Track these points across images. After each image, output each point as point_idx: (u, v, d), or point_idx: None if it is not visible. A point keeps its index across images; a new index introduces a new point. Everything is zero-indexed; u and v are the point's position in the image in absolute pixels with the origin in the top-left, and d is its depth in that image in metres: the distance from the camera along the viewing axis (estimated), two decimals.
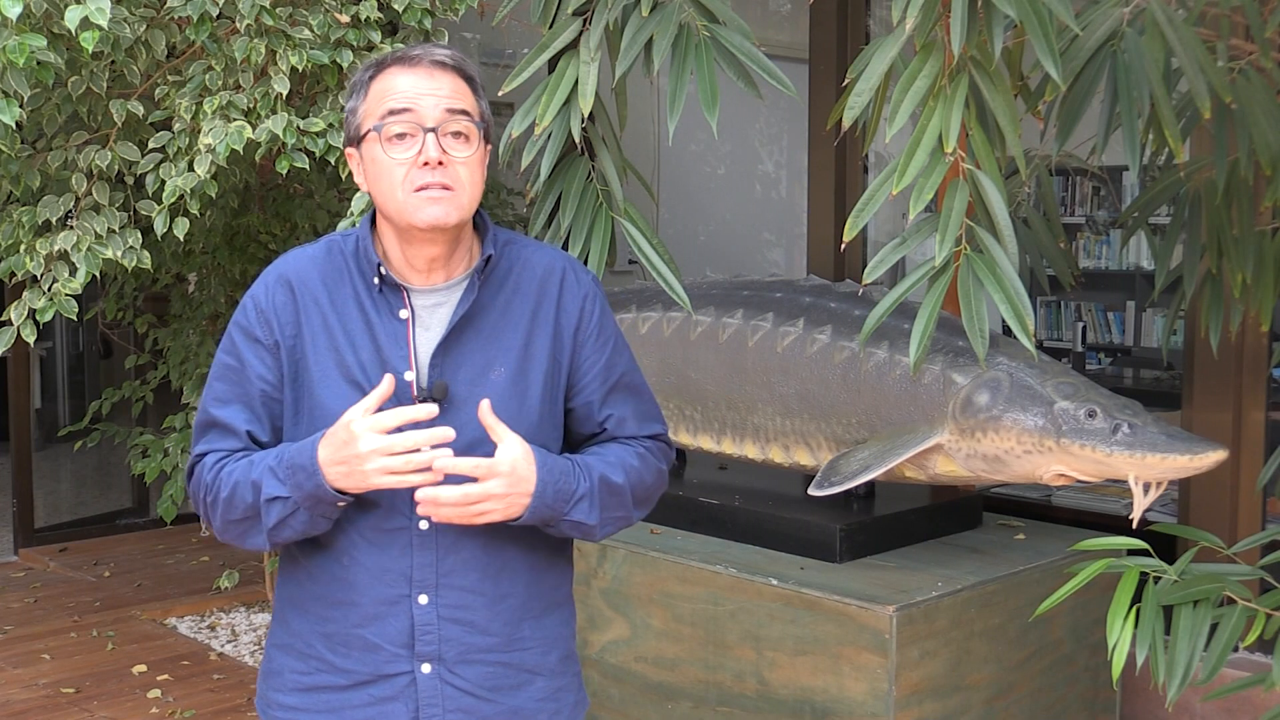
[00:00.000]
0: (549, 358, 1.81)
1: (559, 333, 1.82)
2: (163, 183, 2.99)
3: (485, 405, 1.69)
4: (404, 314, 1.77)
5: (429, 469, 1.63)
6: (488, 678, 1.79)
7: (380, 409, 1.67)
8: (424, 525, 1.75)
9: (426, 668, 1.76)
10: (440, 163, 1.71)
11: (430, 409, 1.64)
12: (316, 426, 1.72)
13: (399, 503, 1.74)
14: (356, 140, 1.78)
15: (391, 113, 1.72)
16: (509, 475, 1.67)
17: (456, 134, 1.73)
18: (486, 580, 1.78)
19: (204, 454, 1.78)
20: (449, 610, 1.76)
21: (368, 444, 1.61)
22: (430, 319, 1.78)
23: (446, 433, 1.64)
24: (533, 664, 1.83)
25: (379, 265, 1.77)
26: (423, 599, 1.75)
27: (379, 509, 1.74)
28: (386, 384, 1.67)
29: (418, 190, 1.71)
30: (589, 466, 1.78)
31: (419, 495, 1.66)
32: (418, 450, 1.63)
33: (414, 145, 1.71)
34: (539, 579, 1.84)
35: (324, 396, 1.74)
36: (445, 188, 1.71)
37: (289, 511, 1.68)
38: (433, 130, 1.71)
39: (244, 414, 1.77)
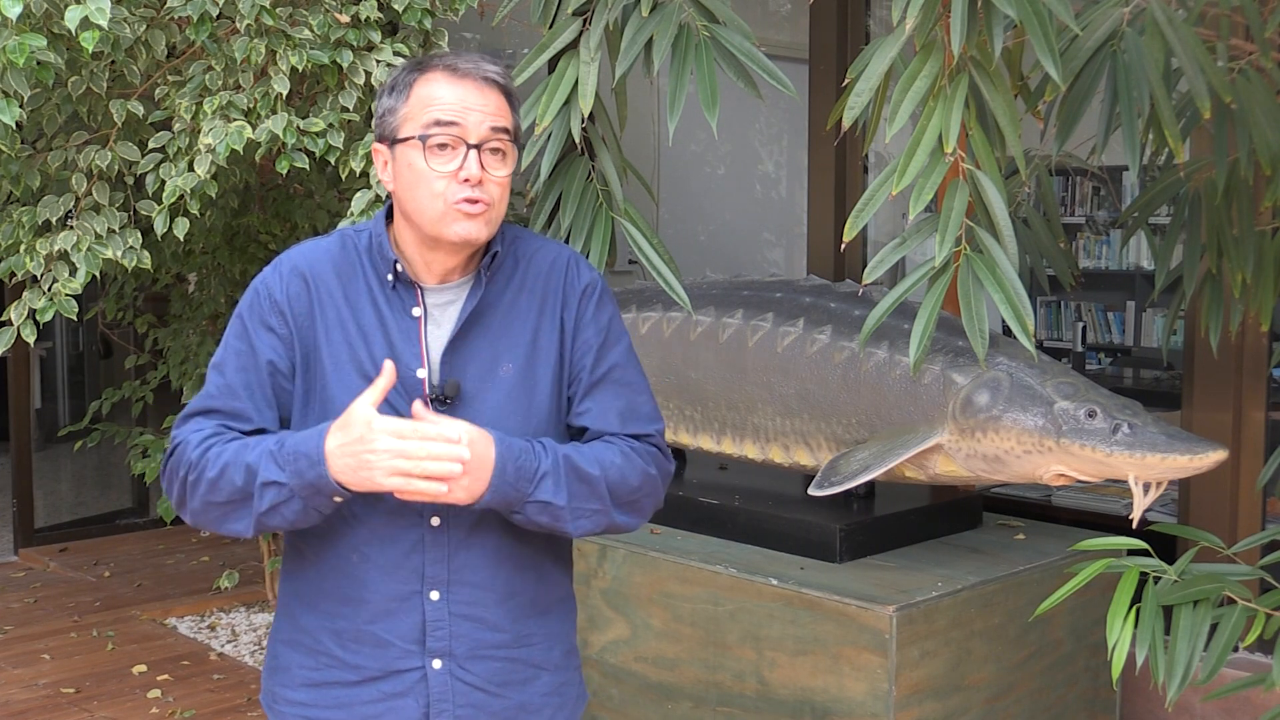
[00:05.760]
0: (556, 353, 1.82)
1: (564, 327, 1.83)
2: (163, 183, 2.99)
3: (417, 405, 1.66)
4: (416, 311, 1.78)
5: (436, 479, 1.61)
6: (497, 673, 1.80)
7: (389, 407, 1.68)
8: (435, 521, 1.75)
9: (437, 663, 1.77)
10: (480, 180, 1.72)
11: (461, 452, 1.61)
12: (326, 417, 1.71)
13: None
14: (391, 140, 1.77)
15: (438, 123, 1.72)
16: (466, 445, 1.63)
17: (495, 150, 1.74)
18: (497, 577, 1.79)
19: (191, 432, 1.75)
20: (460, 606, 1.77)
21: (385, 444, 1.60)
22: (442, 316, 1.79)
23: (463, 452, 1.61)
24: (539, 659, 1.85)
25: (395, 262, 1.77)
26: (434, 595, 1.76)
27: (391, 505, 1.74)
28: (388, 372, 1.66)
29: (456, 204, 1.71)
30: (553, 447, 1.75)
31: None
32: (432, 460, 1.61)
33: (455, 159, 1.72)
34: (544, 576, 1.85)
35: (336, 389, 1.75)
36: (481, 204, 1.72)
37: (283, 498, 1.66)
38: (476, 147, 1.72)
39: (246, 401, 1.76)
